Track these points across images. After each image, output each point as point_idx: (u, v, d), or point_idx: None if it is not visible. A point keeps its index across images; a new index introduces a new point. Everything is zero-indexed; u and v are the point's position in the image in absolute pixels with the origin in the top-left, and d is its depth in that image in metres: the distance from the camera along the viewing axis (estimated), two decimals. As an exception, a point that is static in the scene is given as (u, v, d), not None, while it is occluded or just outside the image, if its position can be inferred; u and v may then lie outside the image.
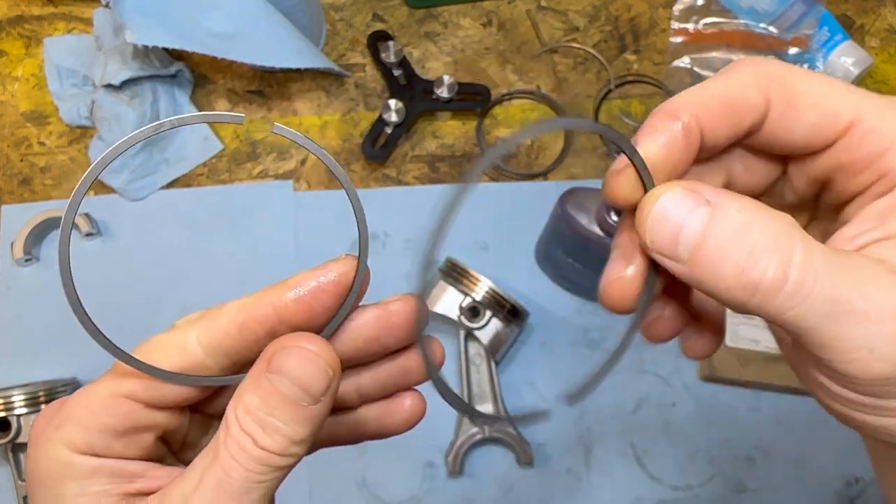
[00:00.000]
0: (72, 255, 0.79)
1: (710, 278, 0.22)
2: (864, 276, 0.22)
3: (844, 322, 0.22)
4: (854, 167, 0.24)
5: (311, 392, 0.25)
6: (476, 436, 0.66)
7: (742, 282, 0.22)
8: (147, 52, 0.73)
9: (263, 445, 0.25)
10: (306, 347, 0.25)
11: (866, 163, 0.24)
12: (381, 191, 0.75)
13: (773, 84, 0.24)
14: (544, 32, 0.81)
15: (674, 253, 0.23)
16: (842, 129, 0.24)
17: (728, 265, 0.22)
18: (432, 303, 0.66)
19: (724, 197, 0.23)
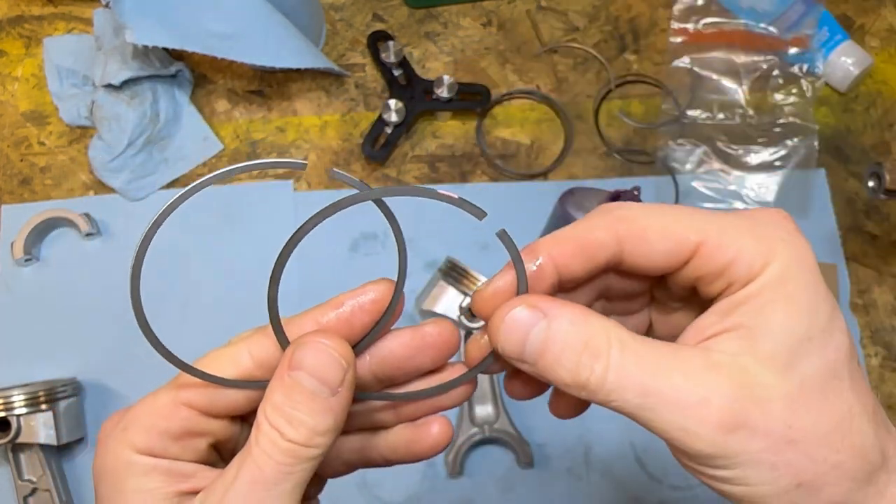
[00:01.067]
0: (72, 255, 0.79)
1: (552, 377, 0.28)
2: (678, 368, 0.27)
3: (658, 409, 0.27)
4: (707, 279, 0.29)
5: (328, 383, 0.28)
6: (476, 436, 0.66)
7: (575, 381, 0.28)
8: (147, 52, 0.73)
9: (290, 438, 0.28)
10: (320, 341, 0.28)
11: (716, 275, 0.29)
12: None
13: (622, 225, 0.30)
14: (544, 32, 0.81)
15: (521, 358, 0.29)
16: (692, 249, 0.29)
17: (563, 370, 0.28)
18: (432, 303, 0.66)
19: (560, 309, 0.28)
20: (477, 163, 0.76)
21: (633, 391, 0.27)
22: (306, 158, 0.77)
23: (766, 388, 0.27)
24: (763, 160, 0.76)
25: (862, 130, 0.77)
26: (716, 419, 0.27)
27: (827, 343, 0.28)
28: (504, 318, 0.29)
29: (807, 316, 0.28)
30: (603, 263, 0.30)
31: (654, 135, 0.77)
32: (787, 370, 0.28)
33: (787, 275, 0.28)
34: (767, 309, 0.28)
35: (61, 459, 0.67)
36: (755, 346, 0.28)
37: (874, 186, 0.63)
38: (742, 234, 0.29)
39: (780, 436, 0.27)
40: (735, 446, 0.27)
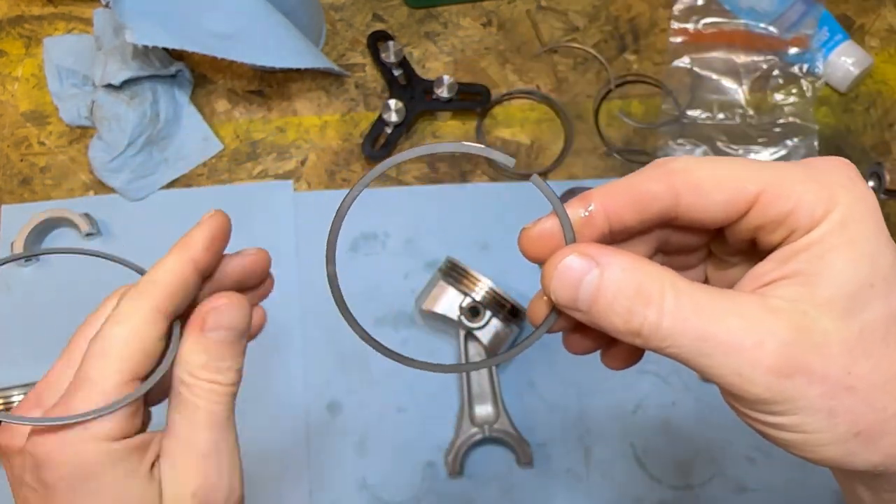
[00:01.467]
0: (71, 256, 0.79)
1: (605, 324, 0.28)
2: (734, 312, 0.27)
3: (714, 353, 0.27)
4: (768, 228, 0.29)
5: (242, 331, 0.34)
6: (476, 436, 0.66)
7: (628, 328, 0.28)
8: (147, 52, 0.73)
9: (226, 383, 0.33)
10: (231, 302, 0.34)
11: (777, 223, 0.28)
12: (381, 191, 0.75)
13: (677, 177, 0.29)
14: (544, 32, 0.81)
15: (575, 306, 0.29)
16: (751, 199, 0.29)
17: (616, 316, 0.28)
18: (432, 303, 0.66)
19: (612, 257, 0.28)
20: (477, 163, 0.76)
21: (688, 336, 0.27)
22: (304, 161, 0.77)
23: (825, 334, 0.27)
24: (763, 160, 0.75)
25: (862, 130, 0.77)
26: (772, 362, 0.27)
27: (890, 291, 0.28)
28: (556, 267, 0.29)
29: (869, 262, 0.27)
30: (657, 216, 0.30)
31: (654, 135, 0.77)
32: (847, 316, 0.27)
33: (848, 221, 0.28)
34: (828, 255, 0.27)
35: (61, 459, 0.67)
36: (814, 292, 0.27)
37: (874, 186, 0.63)
38: (802, 182, 0.28)
39: (839, 381, 0.27)
40: (791, 391, 0.27)
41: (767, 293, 0.28)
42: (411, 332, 0.71)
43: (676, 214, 0.30)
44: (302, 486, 0.66)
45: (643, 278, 0.28)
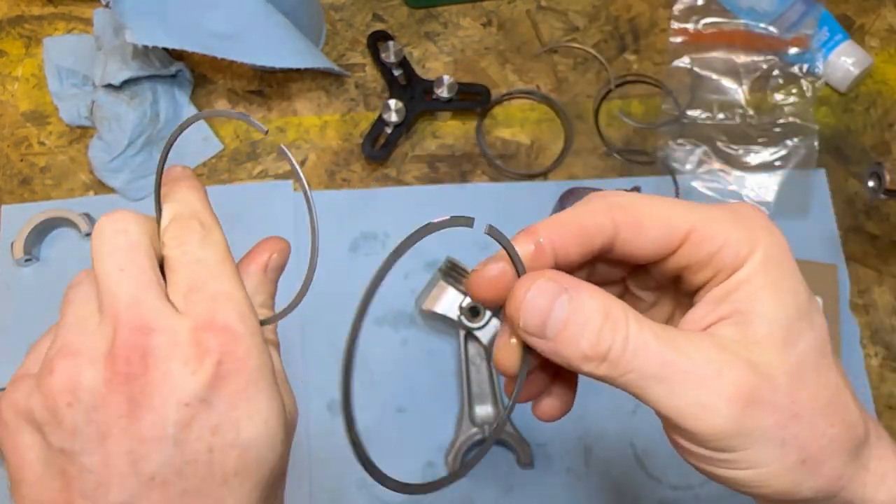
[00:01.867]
0: (72, 255, 0.79)
1: (570, 351, 0.29)
2: (691, 344, 0.28)
3: (675, 382, 0.28)
4: (695, 267, 0.30)
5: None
6: (476, 436, 0.66)
7: (596, 352, 0.28)
8: (147, 52, 0.73)
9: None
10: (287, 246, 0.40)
11: (704, 263, 0.30)
12: (381, 191, 0.75)
13: (619, 212, 0.30)
14: (544, 32, 0.81)
15: (542, 333, 0.29)
16: (681, 238, 0.30)
17: (585, 342, 0.28)
18: (432, 303, 0.66)
19: (578, 285, 0.29)
20: (477, 163, 0.76)
21: (651, 363, 0.28)
22: (304, 161, 0.77)
23: (769, 366, 0.29)
24: (763, 160, 0.76)
25: (862, 130, 0.77)
26: (732, 392, 0.28)
27: (812, 323, 0.30)
28: (526, 293, 0.29)
29: (793, 298, 0.30)
30: (598, 248, 0.31)
31: (654, 135, 0.77)
32: (785, 349, 0.29)
33: (770, 261, 0.30)
34: (758, 294, 0.29)
35: (61, 459, 0.67)
36: (752, 329, 0.29)
37: (874, 186, 0.63)
38: (728, 224, 0.30)
39: (787, 409, 0.28)
40: (749, 422, 0.28)
41: (712, 332, 0.29)
42: (411, 332, 0.71)
43: (612, 248, 0.31)
44: (302, 486, 0.66)
45: (610, 303, 0.29)
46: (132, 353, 0.29)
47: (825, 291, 0.69)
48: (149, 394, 0.28)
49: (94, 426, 0.28)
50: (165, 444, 0.28)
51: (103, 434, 0.28)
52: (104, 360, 0.29)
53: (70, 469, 0.28)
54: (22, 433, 0.30)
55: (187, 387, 0.29)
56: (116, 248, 0.31)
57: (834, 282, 0.70)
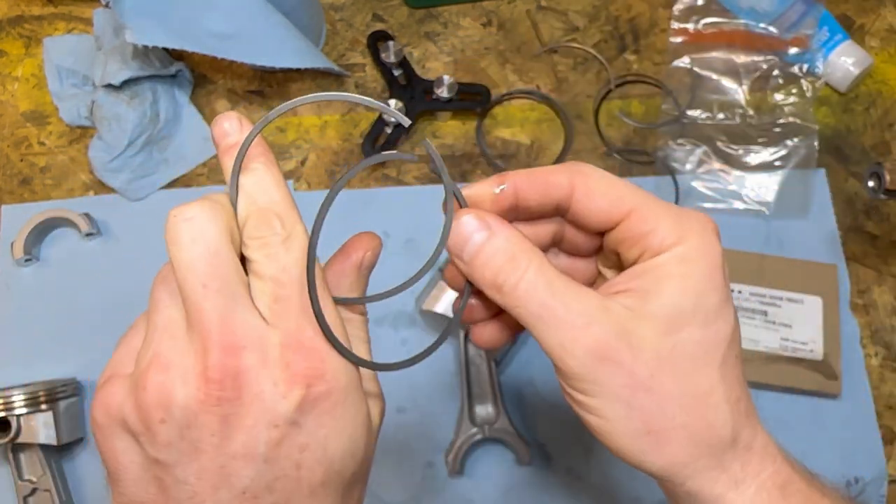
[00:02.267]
0: (72, 255, 0.79)
1: (477, 276, 0.34)
2: (576, 298, 0.33)
3: (549, 323, 0.33)
4: (629, 243, 0.35)
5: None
6: (476, 436, 0.66)
7: (493, 283, 0.33)
8: (147, 52, 0.73)
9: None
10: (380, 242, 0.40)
11: (636, 240, 0.34)
12: (381, 190, 0.75)
13: (578, 177, 0.35)
14: (544, 32, 0.81)
15: (460, 255, 0.34)
16: (623, 213, 0.34)
17: (488, 271, 0.34)
18: (432, 303, 0.66)
19: (501, 226, 0.34)
20: (477, 163, 0.76)
21: (534, 303, 0.33)
22: (304, 161, 0.77)
23: (641, 339, 0.32)
24: (763, 160, 0.76)
25: (862, 130, 0.77)
26: (591, 343, 0.32)
27: (708, 324, 0.33)
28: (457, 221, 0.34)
29: (694, 295, 0.33)
30: (555, 202, 0.35)
31: (654, 135, 0.77)
32: (665, 333, 0.33)
33: (688, 258, 0.33)
34: (664, 281, 0.33)
35: (61, 459, 0.67)
36: (644, 306, 0.33)
37: (874, 186, 0.63)
38: (665, 215, 0.34)
39: (641, 380, 0.32)
40: (599, 373, 0.32)
41: (611, 297, 0.34)
42: (411, 332, 0.71)
43: (569, 208, 0.35)
44: (302, 486, 0.66)
45: (518, 250, 0.33)
46: (225, 376, 0.30)
47: (825, 291, 0.69)
48: (241, 415, 0.30)
49: (188, 442, 0.30)
50: (256, 461, 0.30)
51: (196, 450, 0.30)
52: (197, 380, 0.30)
53: (165, 478, 0.30)
54: (117, 437, 0.31)
55: (278, 409, 0.30)
56: (196, 259, 0.31)
57: (834, 282, 0.70)
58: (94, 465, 0.68)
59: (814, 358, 0.67)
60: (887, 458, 0.67)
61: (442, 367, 0.69)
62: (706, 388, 0.33)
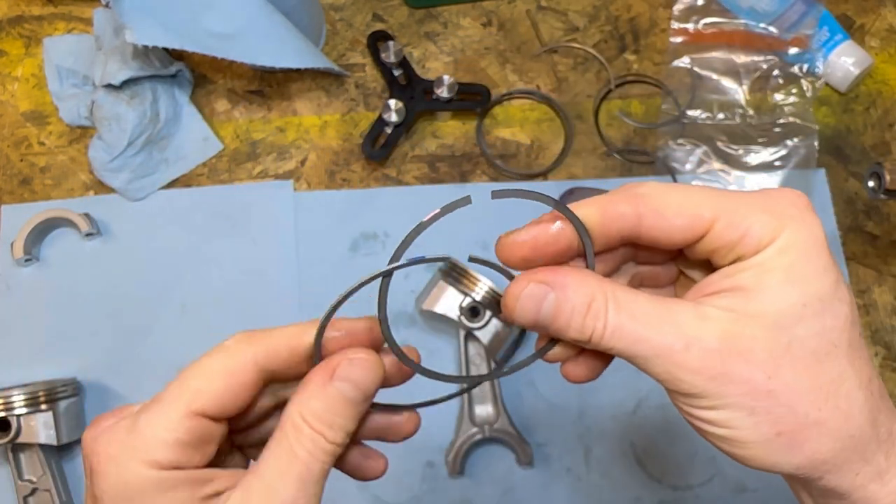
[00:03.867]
0: (72, 255, 0.79)
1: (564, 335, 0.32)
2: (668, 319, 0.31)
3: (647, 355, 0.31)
4: (721, 252, 0.32)
5: (366, 393, 0.33)
6: (476, 436, 0.66)
7: (581, 337, 0.32)
8: (147, 52, 0.73)
9: (332, 440, 0.31)
10: (365, 358, 0.33)
11: (729, 248, 0.32)
12: (381, 190, 0.75)
13: (642, 201, 0.32)
14: (544, 32, 0.81)
15: (536, 326, 0.33)
16: (707, 225, 0.32)
17: (571, 331, 0.32)
18: (432, 303, 0.66)
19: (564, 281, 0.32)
20: (477, 163, 0.76)
21: (625, 340, 0.31)
22: (304, 160, 0.77)
23: (751, 340, 0.30)
24: (763, 160, 0.76)
25: (862, 130, 0.77)
26: (696, 365, 0.30)
27: (824, 311, 0.31)
28: (518, 297, 0.32)
29: (803, 283, 0.31)
30: (621, 234, 0.33)
31: (654, 135, 0.77)
32: (776, 329, 0.30)
33: (790, 247, 0.31)
34: (765, 275, 0.31)
35: (61, 459, 0.67)
36: (747, 305, 0.31)
37: (874, 186, 0.63)
38: (753, 211, 0.31)
39: (759, 384, 0.30)
40: (715, 389, 0.30)
41: (705, 302, 0.32)
42: (411, 332, 0.71)
43: (639, 234, 0.33)
44: (302, 486, 0.66)
45: (591, 293, 0.32)
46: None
47: (825, 291, 0.69)
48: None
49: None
50: None
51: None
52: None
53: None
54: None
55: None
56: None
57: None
58: (94, 465, 0.68)
59: (814, 358, 0.67)
60: (887, 458, 0.67)
61: (442, 367, 0.69)
62: (836, 377, 0.31)
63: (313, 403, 0.31)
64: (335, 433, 0.31)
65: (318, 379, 0.32)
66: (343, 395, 0.32)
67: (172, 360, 0.50)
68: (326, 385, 0.32)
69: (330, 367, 0.32)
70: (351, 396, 0.32)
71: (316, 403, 0.31)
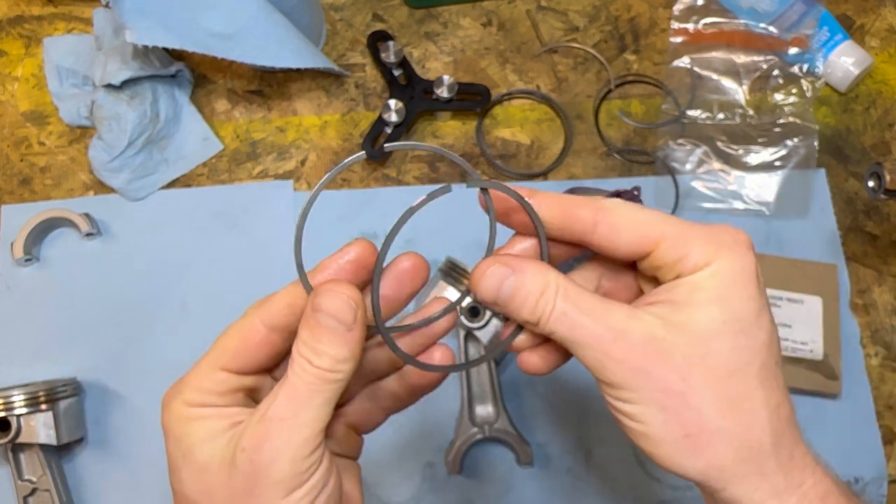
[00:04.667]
0: (72, 255, 0.79)
1: (516, 316, 0.37)
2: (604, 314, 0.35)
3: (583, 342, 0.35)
4: (663, 269, 0.36)
5: (343, 321, 0.34)
6: (476, 436, 0.66)
7: (532, 319, 0.36)
8: (147, 52, 0.73)
9: (317, 365, 0.34)
10: (334, 289, 0.35)
11: (669, 267, 0.36)
12: (381, 190, 0.75)
13: (602, 212, 0.36)
14: (544, 32, 0.81)
15: (495, 301, 0.37)
16: (652, 244, 0.36)
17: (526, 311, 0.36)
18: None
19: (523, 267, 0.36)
20: (477, 163, 0.76)
21: (565, 326, 0.35)
22: (304, 160, 0.77)
23: (671, 345, 0.34)
24: (763, 160, 0.76)
25: (862, 130, 0.77)
26: (621, 354, 0.34)
27: (742, 332, 0.34)
28: (484, 274, 0.37)
29: (727, 304, 0.34)
30: (577, 234, 0.37)
31: (654, 135, 0.77)
32: (697, 340, 0.34)
33: (721, 272, 0.35)
34: (696, 292, 0.35)
35: (61, 459, 0.67)
36: (675, 314, 0.35)
37: (874, 186, 0.63)
38: (695, 238, 0.35)
39: (673, 385, 0.34)
40: (633, 381, 0.34)
41: (640, 307, 0.35)
42: (411, 332, 0.71)
43: (591, 241, 0.37)
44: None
45: (546, 281, 0.36)
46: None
47: (825, 291, 0.69)
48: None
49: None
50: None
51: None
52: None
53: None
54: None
55: None
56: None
57: (834, 282, 0.70)
58: (93, 465, 0.68)
59: (814, 358, 0.67)
60: (887, 458, 0.67)
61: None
62: (743, 393, 0.34)
63: (301, 333, 0.35)
64: (320, 359, 0.34)
65: (304, 314, 0.35)
66: (321, 324, 0.34)
67: (172, 360, 0.50)
68: (308, 317, 0.35)
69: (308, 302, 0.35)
70: (329, 325, 0.34)
71: (303, 333, 0.35)
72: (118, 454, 0.69)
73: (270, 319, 0.37)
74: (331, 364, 0.34)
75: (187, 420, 0.36)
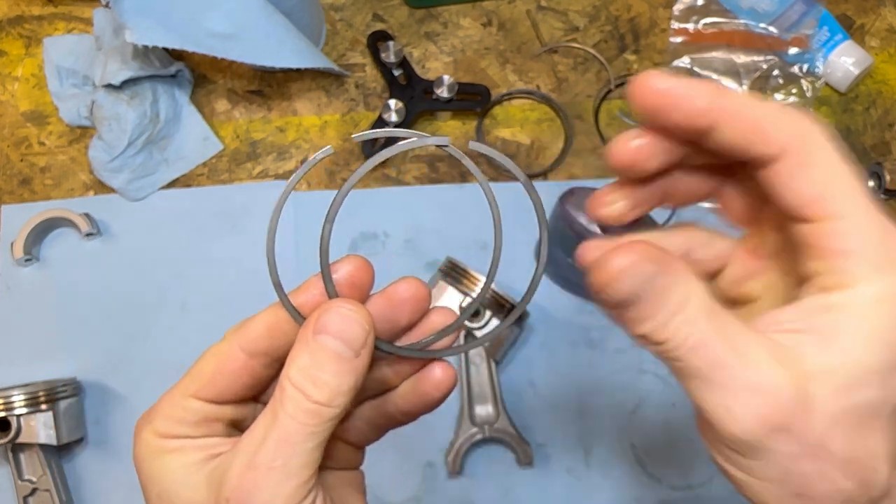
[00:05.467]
0: (72, 255, 0.79)
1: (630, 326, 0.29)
2: (748, 349, 0.27)
3: (716, 381, 0.27)
4: (816, 251, 0.28)
5: (353, 345, 0.30)
6: (476, 436, 0.66)
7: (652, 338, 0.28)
8: (147, 52, 0.73)
9: (315, 399, 0.29)
10: (344, 307, 0.31)
11: (823, 254, 0.28)
12: (381, 190, 0.75)
13: (724, 100, 0.29)
14: (544, 32, 0.81)
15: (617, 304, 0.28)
16: (773, 152, 0.28)
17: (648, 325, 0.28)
18: (432, 303, 0.66)
19: (674, 264, 0.28)
20: (477, 163, 0.76)
21: (706, 360, 0.27)
22: (305, 159, 0.77)
23: (818, 401, 0.27)
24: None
25: (862, 130, 0.77)
26: (762, 412, 0.27)
27: (885, 381, 0.28)
28: (624, 269, 0.28)
29: (883, 350, 0.28)
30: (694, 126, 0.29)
31: (654, 135, 0.77)
32: (844, 392, 0.27)
33: (886, 299, 0.28)
34: (849, 329, 0.28)
35: (61, 459, 0.67)
36: (823, 359, 0.28)
37: (874, 186, 0.63)
38: (872, 239, 0.28)
39: (809, 448, 0.28)
40: (768, 442, 0.27)
41: (782, 341, 0.28)
42: (411, 332, 0.71)
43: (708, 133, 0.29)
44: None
45: (686, 293, 0.28)
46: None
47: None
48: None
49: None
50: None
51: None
52: None
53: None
54: None
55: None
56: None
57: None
58: (93, 465, 0.68)
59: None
60: (887, 458, 0.67)
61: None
62: (871, 452, 0.29)
63: (297, 358, 0.30)
64: (319, 390, 0.29)
65: (302, 333, 0.31)
66: (325, 348, 0.30)
67: (172, 360, 0.50)
68: (309, 339, 0.30)
69: (313, 319, 0.31)
70: (335, 349, 0.30)
71: (299, 359, 0.30)
72: (118, 454, 0.69)
73: (249, 344, 0.33)
74: (330, 397, 0.30)
75: (158, 452, 0.32)
